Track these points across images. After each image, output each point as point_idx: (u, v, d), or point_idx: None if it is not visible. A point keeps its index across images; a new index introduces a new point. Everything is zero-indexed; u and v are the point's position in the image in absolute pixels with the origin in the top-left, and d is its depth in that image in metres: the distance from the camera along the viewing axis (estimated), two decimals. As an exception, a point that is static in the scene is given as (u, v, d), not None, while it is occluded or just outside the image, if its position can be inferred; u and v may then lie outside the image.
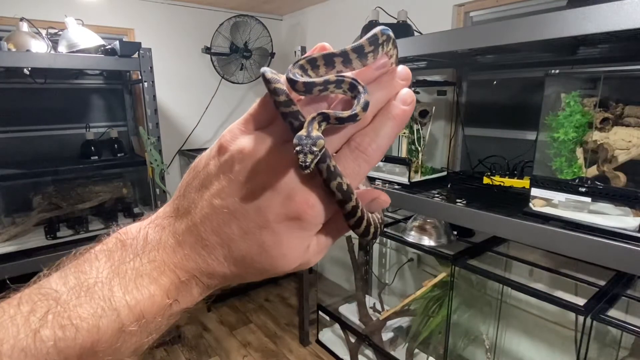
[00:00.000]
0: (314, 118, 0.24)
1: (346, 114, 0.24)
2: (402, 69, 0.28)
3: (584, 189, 1.03)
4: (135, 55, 1.81)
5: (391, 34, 0.27)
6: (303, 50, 1.79)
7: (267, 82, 0.26)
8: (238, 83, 2.76)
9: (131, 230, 0.26)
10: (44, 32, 1.78)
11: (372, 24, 1.67)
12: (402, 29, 1.64)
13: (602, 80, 1.10)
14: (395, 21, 1.71)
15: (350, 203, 0.24)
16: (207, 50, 2.57)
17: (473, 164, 1.71)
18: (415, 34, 1.68)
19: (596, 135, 1.08)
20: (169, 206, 0.27)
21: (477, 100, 1.79)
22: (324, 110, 0.25)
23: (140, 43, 1.82)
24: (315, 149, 0.23)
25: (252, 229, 0.24)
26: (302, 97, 0.27)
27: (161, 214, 0.27)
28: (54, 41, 1.79)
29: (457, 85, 1.79)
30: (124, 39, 2.28)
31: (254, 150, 0.25)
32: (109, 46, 1.79)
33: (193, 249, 0.24)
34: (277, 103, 0.25)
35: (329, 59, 0.26)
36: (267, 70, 0.26)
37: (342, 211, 0.25)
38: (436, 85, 1.84)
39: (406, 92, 0.27)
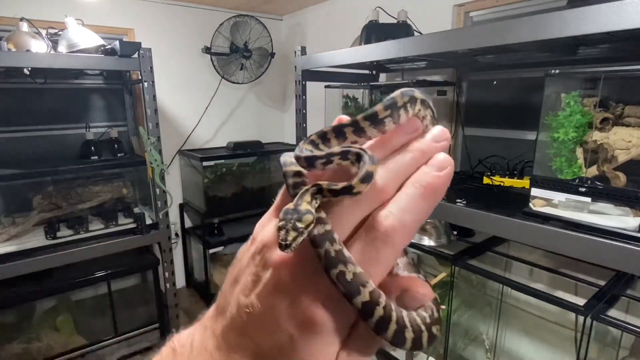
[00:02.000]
0: (307, 190, 0.21)
1: (340, 185, 0.21)
2: (438, 129, 0.23)
3: (584, 189, 1.03)
4: (135, 55, 1.81)
5: (417, 94, 0.23)
6: (303, 50, 1.79)
7: (282, 167, 0.24)
8: (238, 83, 2.76)
9: (182, 336, 0.26)
10: (44, 32, 1.78)
11: (372, 24, 1.68)
12: (402, 29, 1.64)
13: (602, 80, 1.10)
14: (395, 21, 1.71)
15: (359, 297, 0.19)
16: (207, 50, 2.57)
17: (473, 164, 1.71)
18: (415, 34, 1.68)
19: (596, 135, 1.08)
20: (215, 302, 0.26)
21: (477, 100, 1.79)
22: (318, 182, 0.22)
23: (140, 43, 1.82)
24: (300, 225, 0.20)
25: (271, 331, 0.21)
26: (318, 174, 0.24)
27: (208, 312, 0.26)
28: (54, 41, 1.79)
29: (457, 85, 1.79)
30: (124, 39, 2.28)
31: (273, 241, 0.22)
32: (109, 46, 1.79)
33: (227, 354, 0.22)
34: (287, 186, 0.23)
35: (338, 130, 0.23)
36: (285, 155, 0.24)
37: (354, 310, 0.20)
38: (436, 85, 1.84)
39: (442, 157, 0.22)
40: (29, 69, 1.74)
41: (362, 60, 1.49)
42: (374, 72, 2.08)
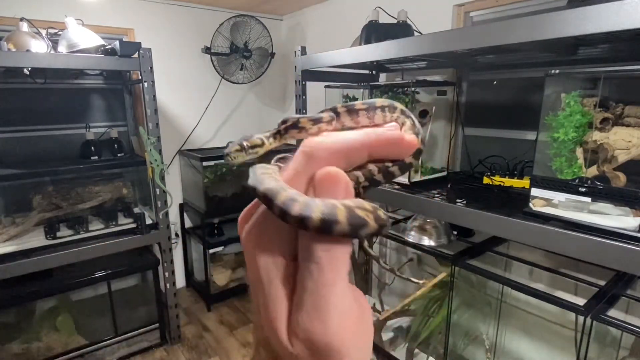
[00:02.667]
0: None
1: (290, 121, 0.25)
2: (411, 136, 0.23)
3: (584, 189, 1.03)
4: (135, 55, 1.81)
5: (398, 104, 0.24)
6: (303, 50, 1.79)
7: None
8: (238, 83, 2.76)
9: None
10: (44, 32, 1.78)
11: (372, 24, 1.68)
12: (402, 29, 1.64)
13: (602, 80, 1.10)
14: (395, 21, 1.71)
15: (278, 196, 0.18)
16: (207, 50, 2.57)
17: (473, 164, 1.71)
18: (415, 34, 1.68)
19: (596, 135, 1.08)
20: None
21: (477, 100, 1.79)
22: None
23: (140, 43, 1.82)
24: (246, 143, 0.23)
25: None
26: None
27: None
28: (54, 41, 1.79)
29: (457, 85, 1.79)
30: (124, 39, 2.28)
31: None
32: (109, 46, 1.79)
33: None
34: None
35: (317, 114, 0.25)
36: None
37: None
38: (436, 85, 1.84)
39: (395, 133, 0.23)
40: (29, 69, 1.74)
41: (362, 60, 1.49)
42: (374, 72, 2.08)
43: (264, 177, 0.20)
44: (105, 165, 2.17)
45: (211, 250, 2.57)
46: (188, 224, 2.82)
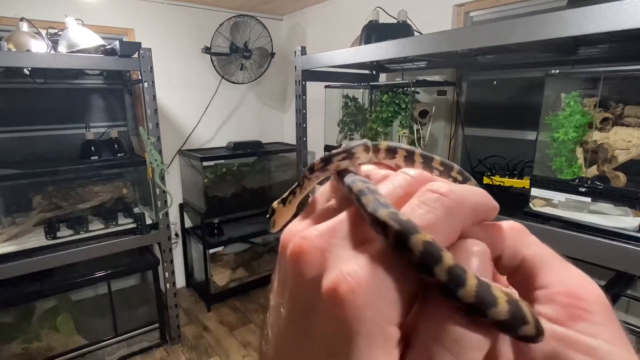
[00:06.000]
0: None
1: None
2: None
3: (584, 189, 1.03)
4: (135, 55, 1.81)
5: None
6: (303, 50, 1.79)
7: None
8: (238, 83, 2.76)
9: None
10: (44, 32, 1.78)
11: (372, 24, 1.68)
12: (402, 29, 1.64)
13: (602, 80, 1.10)
14: (395, 21, 1.71)
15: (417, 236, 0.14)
16: (207, 50, 2.57)
17: (473, 164, 1.71)
18: (415, 34, 1.68)
19: (596, 135, 1.08)
20: None
21: (477, 100, 1.79)
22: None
23: (140, 43, 1.82)
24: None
25: None
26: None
27: None
28: (54, 41, 1.79)
29: (457, 85, 1.79)
30: (124, 39, 2.28)
31: None
32: (109, 46, 1.79)
33: None
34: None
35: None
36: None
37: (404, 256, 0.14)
38: (436, 85, 1.84)
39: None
40: (29, 69, 1.74)
41: (362, 60, 1.49)
42: (374, 72, 2.08)
43: (387, 206, 0.15)
44: (105, 165, 2.17)
45: (211, 250, 2.57)
46: (188, 224, 2.82)
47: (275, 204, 0.25)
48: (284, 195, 0.24)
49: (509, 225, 0.18)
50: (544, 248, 0.17)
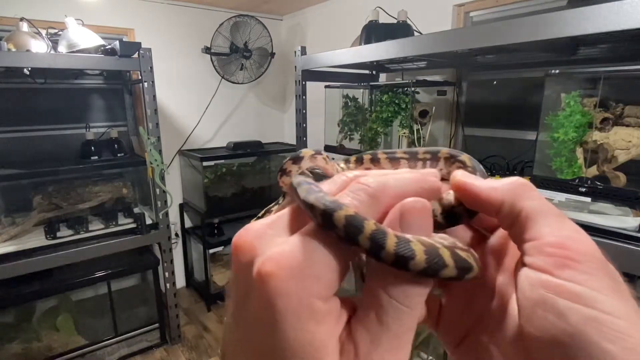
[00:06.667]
0: None
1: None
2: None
3: (584, 189, 1.03)
4: (135, 55, 1.81)
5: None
6: (303, 50, 1.79)
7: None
8: (238, 83, 2.76)
9: None
10: (44, 32, 1.78)
11: (372, 24, 1.68)
12: (402, 29, 1.64)
13: (602, 80, 1.10)
14: (395, 21, 1.71)
15: (335, 212, 0.16)
16: (207, 50, 2.57)
17: (473, 164, 1.71)
18: (415, 34, 1.68)
19: (596, 135, 1.08)
20: None
21: (477, 100, 1.79)
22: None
23: (140, 43, 1.82)
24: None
25: None
26: None
27: None
28: (54, 41, 1.79)
29: (457, 85, 1.79)
30: (124, 39, 2.28)
31: None
32: (109, 46, 1.79)
33: None
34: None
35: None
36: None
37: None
38: (436, 85, 1.84)
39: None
40: (29, 69, 1.74)
41: (362, 60, 1.49)
42: (374, 72, 2.08)
43: (325, 194, 0.17)
44: (105, 165, 2.17)
45: (211, 250, 2.57)
46: (188, 224, 2.82)
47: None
48: (259, 214, 0.25)
49: (511, 181, 0.19)
50: (544, 202, 0.18)
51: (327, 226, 0.16)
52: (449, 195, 0.21)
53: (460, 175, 0.20)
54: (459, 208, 0.20)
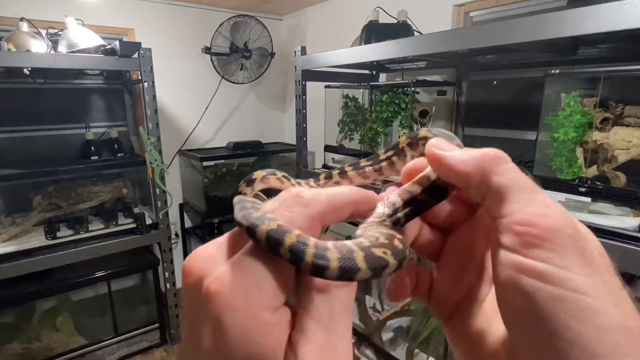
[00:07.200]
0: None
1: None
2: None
3: (584, 189, 1.03)
4: (135, 55, 1.81)
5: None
6: (303, 50, 1.79)
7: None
8: (238, 83, 2.76)
9: None
10: (44, 32, 1.78)
11: (372, 24, 1.68)
12: (402, 29, 1.64)
13: (602, 80, 1.10)
14: (395, 21, 1.71)
15: (260, 227, 0.17)
16: (207, 50, 2.57)
17: (473, 164, 1.71)
18: (415, 34, 1.68)
19: (596, 135, 1.08)
20: None
21: (477, 100, 1.79)
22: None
23: (140, 43, 1.82)
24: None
25: None
26: None
27: None
28: (54, 41, 1.79)
29: (457, 85, 1.79)
30: (124, 39, 2.28)
31: None
32: (109, 46, 1.79)
33: None
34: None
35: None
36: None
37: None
38: (436, 85, 1.84)
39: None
40: (29, 69, 1.74)
41: (362, 60, 1.49)
42: (374, 72, 2.08)
43: (254, 212, 0.18)
44: (105, 165, 2.17)
45: (211, 250, 2.57)
46: (188, 224, 2.82)
47: None
48: None
49: (481, 153, 0.19)
50: (514, 176, 0.18)
51: (254, 241, 0.17)
52: (430, 173, 0.21)
53: (432, 145, 0.20)
54: (441, 182, 0.20)
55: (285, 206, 0.19)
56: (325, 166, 2.05)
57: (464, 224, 0.22)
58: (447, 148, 0.20)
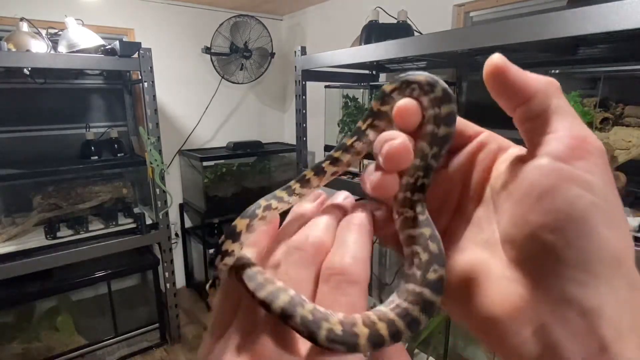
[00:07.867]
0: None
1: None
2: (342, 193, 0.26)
3: (584, 189, 1.03)
4: (135, 55, 1.81)
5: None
6: (303, 50, 1.79)
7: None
8: (238, 83, 2.76)
9: None
10: (44, 32, 1.78)
11: (372, 24, 1.68)
12: (402, 29, 1.64)
13: (602, 80, 1.10)
14: (395, 21, 1.71)
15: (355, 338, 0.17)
16: (207, 50, 2.57)
17: (473, 164, 1.71)
18: (415, 34, 1.68)
19: (596, 135, 1.08)
20: None
21: (477, 100, 1.79)
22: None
23: (140, 43, 1.82)
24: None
25: None
26: None
27: None
28: (54, 41, 1.79)
29: (457, 85, 1.79)
30: (124, 39, 2.28)
31: None
32: (109, 46, 1.79)
33: None
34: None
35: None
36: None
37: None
38: (436, 85, 1.84)
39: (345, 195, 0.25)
40: (29, 69, 1.74)
41: (362, 60, 1.49)
42: (374, 72, 2.08)
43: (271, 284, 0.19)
44: (105, 165, 2.17)
45: (211, 250, 2.56)
46: (188, 224, 2.82)
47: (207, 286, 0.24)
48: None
49: (547, 78, 0.20)
50: (568, 105, 0.20)
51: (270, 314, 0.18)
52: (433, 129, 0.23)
53: (497, 57, 0.21)
54: (442, 130, 0.23)
55: (330, 289, 0.20)
56: (325, 166, 2.05)
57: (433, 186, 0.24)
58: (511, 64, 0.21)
